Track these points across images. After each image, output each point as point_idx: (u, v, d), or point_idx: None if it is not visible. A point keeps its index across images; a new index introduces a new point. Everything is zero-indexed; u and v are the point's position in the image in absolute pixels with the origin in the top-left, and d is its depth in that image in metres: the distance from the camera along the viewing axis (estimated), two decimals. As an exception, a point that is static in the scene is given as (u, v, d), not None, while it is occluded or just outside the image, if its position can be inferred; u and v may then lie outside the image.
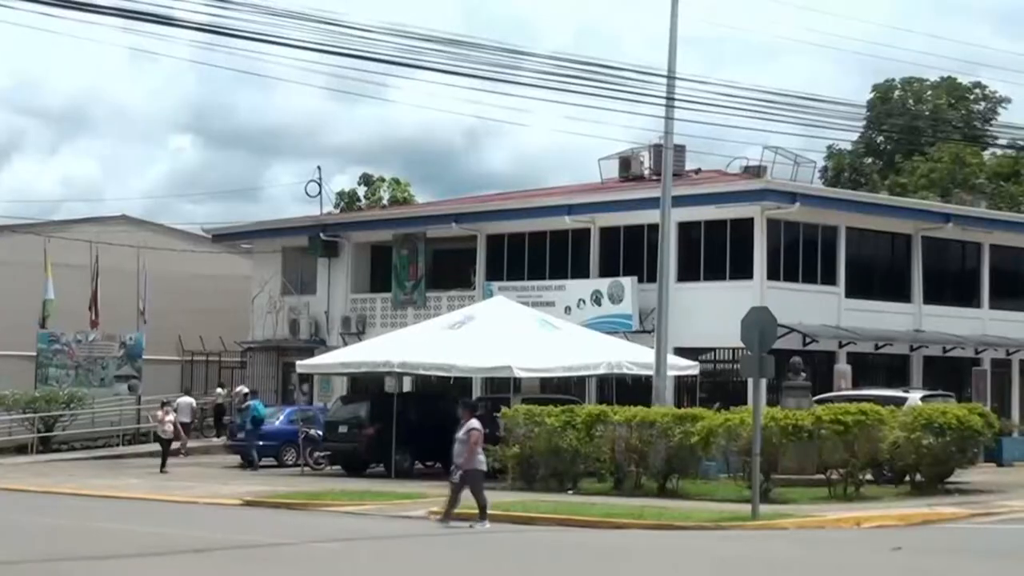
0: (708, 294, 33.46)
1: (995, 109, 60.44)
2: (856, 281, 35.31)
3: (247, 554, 16.89)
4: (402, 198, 56.95)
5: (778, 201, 33.24)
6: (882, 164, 60.83)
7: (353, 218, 46.92)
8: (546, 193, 42.39)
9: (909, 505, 22.88)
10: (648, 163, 38.50)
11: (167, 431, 33.22)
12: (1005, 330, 37.87)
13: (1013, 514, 22.29)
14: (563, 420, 26.20)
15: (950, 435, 24.88)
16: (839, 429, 23.83)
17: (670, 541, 18.50)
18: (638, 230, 35.25)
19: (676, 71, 26.84)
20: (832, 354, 34.20)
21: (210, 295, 45.82)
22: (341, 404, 34.67)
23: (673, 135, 28.49)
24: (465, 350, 29.77)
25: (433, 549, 17.69)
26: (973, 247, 38.18)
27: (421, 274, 40.20)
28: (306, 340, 41.98)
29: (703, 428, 24.31)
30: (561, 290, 36.31)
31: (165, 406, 34.56)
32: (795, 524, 20.35)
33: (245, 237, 45.65)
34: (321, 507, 24.26)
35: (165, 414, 33.64)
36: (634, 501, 23.26)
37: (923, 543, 18.00)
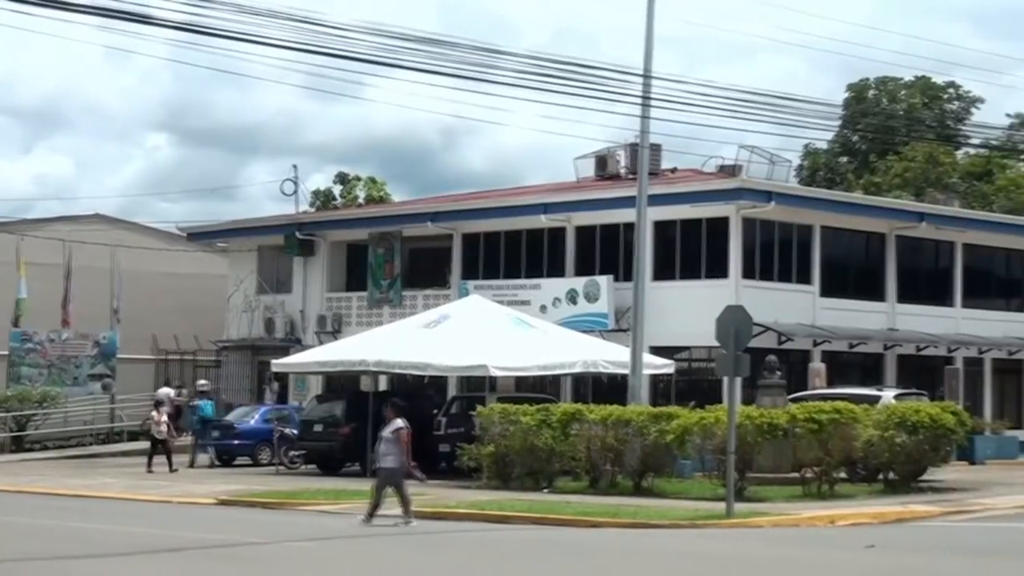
0: (684, 293, 33.53)
1: (968, 109, 60.81)
2: (831, 280, 35.45)
3: (222, 553, 16.85)
4: (378, 197, 56.90)
5: (753, 200, 33.35)
6: (857, 163, 61.10)
7: (329, 217, 46.83)
8: (522, 192, 42.41)
9: (883, 503, 22.99)
10: (624, 162, 38.55)
11: (161, 431, 32.96)
12: (978, 329, 38.09)
13: (986, 512, 22.44)
14: (538, 419, 26.22)
15: (923, 433, 25.01)
16: (813, 427, 23.94)
17: (645, 540, 18.54)
18: (614, 229, 35.30)
19: (652, 70, 26.91)
20: (807, 353, 34.33)
21: (185, 294, 45.68)
22: (316, 403, 34.63)
23: (649, 134, 28.55)
24: (441, 349, 29.77)
25: (408, 548, 17.68)
26: (946, 246, 38.39)
27: (397, 273, 40.17)
28: (282, 339, 41.89)
29: (678, 427, 24.37)
30: (537, 289, 36.33)
31: (159, 406, 34.31)
32: (770, 522, 20.43)
33: (221, 236, 45.52)
34: (296, 506, 24.22)
35: (160, 415, 33.38)
36: (609, 500, 23.30)
37: (897, 541, 18.09)
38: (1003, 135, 55.25)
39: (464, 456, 27.10)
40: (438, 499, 24.00)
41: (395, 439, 20.42)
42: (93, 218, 47.68)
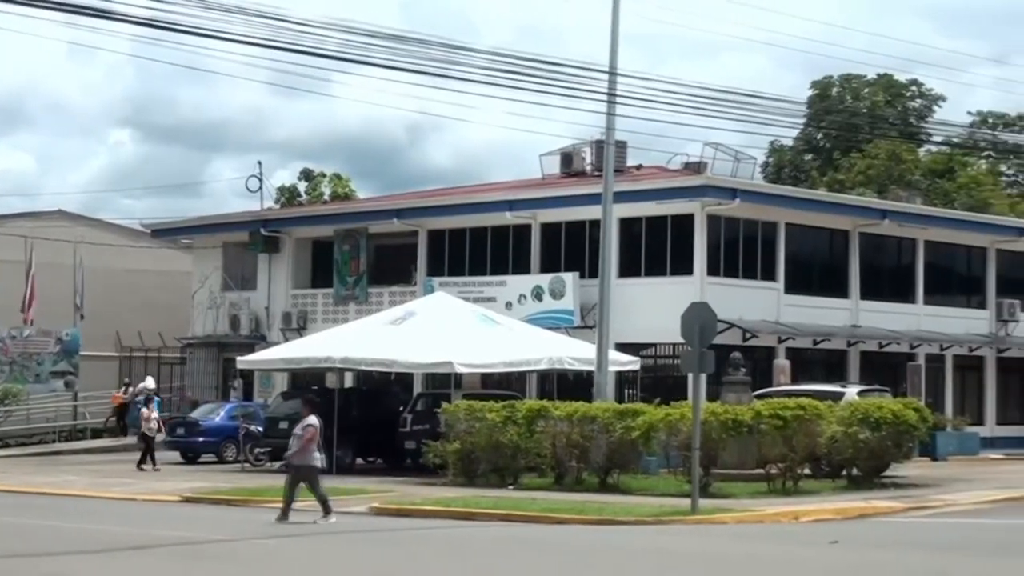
0: (649, 290, 33.62)
1: (930, 107, 61.25)
2: (795, 277, 35.62)
3: (187, 551, 16.79)
4: (343, 193, 56.73)
5: (718, 197, 33.47)
6: (821, 161, 61.44)
7: (294, 213, 46.68)
8: (487, 189, 42.41)
9: (846, 499, 23.15)
10: (589, 159, 38.61)
11: (152, 428, 32.74)
12: (939, 325, 38.37)
13: (947, 508, 22.63)
14: (504, 415, 26.24)
15: (886, 430, 25.18)
16: (778, 424, 24.06)
17: (611, 536, 18.59)
18: (579, 226, 35.36)
19: (618, 67, 26.94)
20: (771, 349, 34.49)
21: (149, 291, 45.46)
22: (282, 400, 34.52)
23: (614, 131, 28.60)
24: (406, 346, 29.74)
25: (373, 545, 17.67)
26: (909, 243, 38.64)
27: (362, 270, 40.10)
28: (247, 336, 41.74)
29: (644, 423, 24.44)
30: (502, 286, 36.35)
31: (149, 403, 34.08)
32: (734, 518, 20.53)
33: (185, 232, 45.30)
34: (261, 503, 24.14)
35: (150, 411, 33.16)
36: (575, 496, 23.35)
37: (859, 537, 18.22)
38: (964, 133, 55.73)
39: (430, 453, 27.10)
40: (403, 496, 24.00)
41: (303, 435, 20.27)
42: (56, 214, 47.38)
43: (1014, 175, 61.32)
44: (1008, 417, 40.62)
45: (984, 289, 40.39)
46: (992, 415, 40.11)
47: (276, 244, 42.03)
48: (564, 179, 38.74)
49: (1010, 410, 40.82)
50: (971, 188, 54.98)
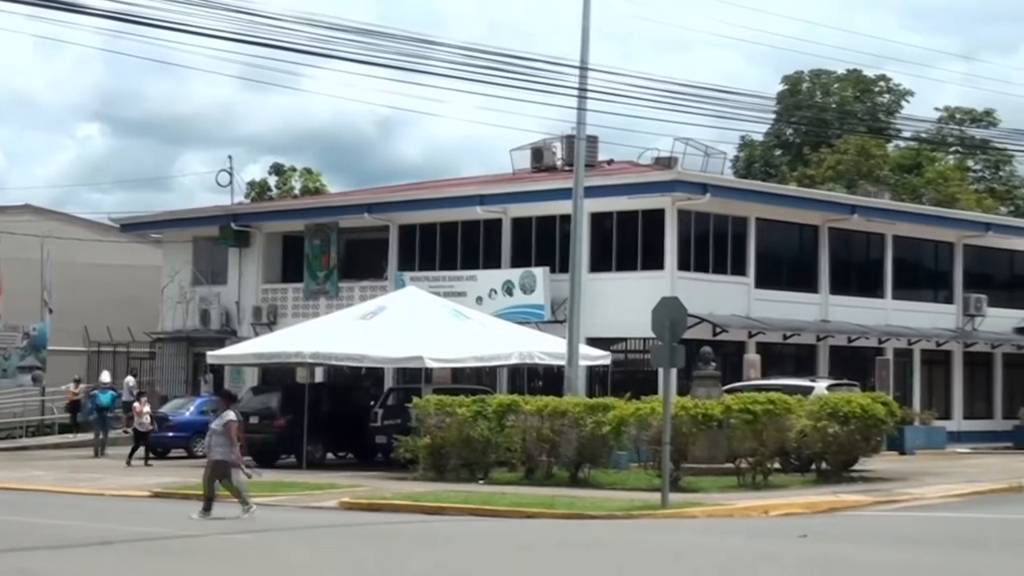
0: (620, 284, 33.67)
1: (899, 102, 61.57)
2: (765, 271, 35.74)
3: (156, 546, 16.72)
4: (314, 188, 56.66)
5: (689, 192, 33.55)
6: (791, 156, 61.68)
7: (265, 208, 46.53)
8: (458, 183, 42.38)
9: (815, 493, 23.26)
10: (560, 154, 38.64)
11: (144, 423, 32.58)
12: (907, 320, 38.59)
13: (914, 502, 22.79)
14: (474, 410, 26.25)
15: (854, 424, 25.32)
16: (748, 418, 24.15)
17: (581, 530, 18.62)
18: (550, 220, 35.38)
19: (588, 62, 26.96)
20: (742, 344, 34.61)
21: (118, 285, 45.22)
22: (252, 395, 34.42)
23: (585, 126, 28.61)
24: (377, 340, 29.70)
25: (343, 540, 17.65)
26: (877, 238, 38.84)
27: (333, 264, 40.01)
28: (217, 330, 41.60)
29: (614, 418, 24.48)
30: (473, 280, 36.34)
31: (142, 396, 33.87)
32: (704, 512, 20.60)
33: (154, 227, 45.11)
34: (232, 498, 24.02)
35: (142, 406, 32.99)
36: (545, 491, 23.38)
37: (829, 531, 18.31)
38: (932, 128, 56.03)
39: (400, 448, 27.09)
40: (374, 491, 23.99)
41: (224, 431, 20.05)
42: (23, 208, 47.07)
43: (981, 170, 61.74)
44: (975, 411, 40.92)
45: (951, 284, 40.66)
46: (959, 409, 40.39)
47: (246, 238, 41.89)
48: (535, 174, 38.75)
49: (976, 404, 41.12)
50: (939, 183, 55.32)
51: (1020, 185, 60.73)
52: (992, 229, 41.10)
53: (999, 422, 40.81)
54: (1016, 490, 24.24)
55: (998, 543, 16.90)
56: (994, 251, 41.86)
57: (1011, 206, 58.57)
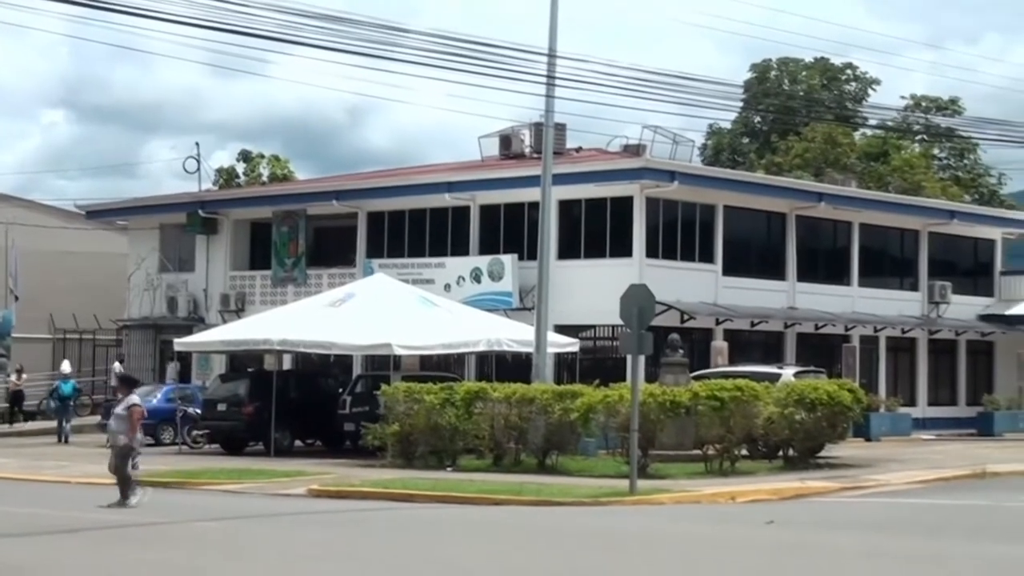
0: (588, 272, 33.73)
1: (865, 90, 61.87)
2: (733, 259, 35.86)
3: (122, 533, 16.67)
4: (282, 175, 56.46)
5: (657, 179, 33.61)
6: (759, 144, 61.89)
7: (232, 195, 46.34)
8: (426, 171, 42.32)
9: (782, 479, 23.39)
10: (528, 141, 38.64)
11: None
12: (873, 307, 38.82)
13: (879, 488, 22.96)
14: (442, 397, 26.26)
15: (821, 410, 25.47)
16: (715, 405, 24.24)
17: (548, 517, 18.68)
18: (518, 208, 35.39)
19: (556, 49, 26.95)
20: (709, 331, 34.74)
21: (84, 272, 44.97)
22: (220, 382, 34.36)
23: (553, 113, 28.59)
24: (345, 328, 29.67)
25: (311, 527, 17.64)
26: (844, 226, 39.03)
27: (301, 251, 39.90)
28: (184, 318, 41.45)
29: (582, 405, 24.53)
30: (441, 268, 36.32)
31: None
32: (672, 499, 20.69)
33: (121, 214, 44.86)
34: (199, 486, 24.03)
35: None
36: (513, 477, 23.43)
37: (795, 517, 18.43)
38: (898, 116, 56.33)
39: (368, 435, 27.08)
40: (342, 478, 23.99)
41: (127, 416, 19.80)
42: (-13, 196, 46.70)
43: (946, 158, 62.13)
44: (939, 398, 41.23)
45: (916, 271, 40.91)
46: (924, 396, 40.68)
47: (214, 225, 41.72)
48: (503, 161, 38.74)
49: (941, 391, 41.43)
50: (904, 171, 55.62)
51: (984, 173, 61.15)
52: (957, 217, 41.37)
53: (963, 409, 41.14)
54: (979, 476, 24.46)
55: (961, 529, 17.06)
56: (958, 239, 42.16)
57: (975, 194, 58.98)
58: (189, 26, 20.53)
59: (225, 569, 13.14)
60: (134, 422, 19.75)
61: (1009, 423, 39.30)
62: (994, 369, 42.50)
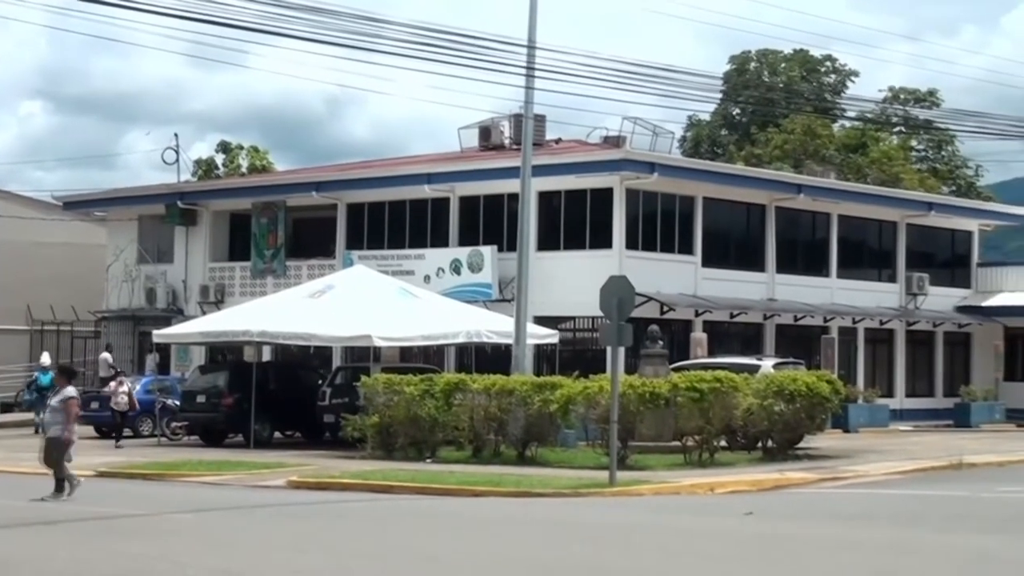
0: (568, 263, 33.76)
1: (844, 82, 62.06)
2: (712, 250, 35.95)
3: (101, 525, 16.64)
4: (261, 166, 56.35)
5: (637, 171, 33.66)
6: (738, 135, 62.01)
7: (212, 186, 46.22)
8: (406, 162, 42.28)
9: (761, 471, 23.49)
10: (508, 132, 38.64)
11: (120, 403, 31.96)
12: (852, 299, 38.98)
13: (858, 479, 23.07)
14: (422, 389, 26.27)
15: (800, 402, 25.57)
16: (695, 396, 24.31)
17: (528, 508, 18.71)
18: (498, 199, 35.39)
19: (536, 41, 26.96)
20: (689, 322, 34.82)
21: (62, 264, 44.81)
22: (199, 373, 34.30)
23: (533, 105, 28.62)
24: (325, 319, 29.64)
25: (290, 519, 17.63)
26: (823, 217, 39.15)
27: (281, 243, 39.83)
28: (163, 309, 41.35)
29: (562, 396, 24.59)
30: (421, 259, 36.31)
31: (119, 376, 33.19)
32: (651, 490, 20.75)
33: (99, 205, 44.69)
34: (178, 478, 24.01)
35: (119, 385, 32.28)
36: (493, 469, 23.47)
37: (774, 508, 18.51)
38: (877, 108, 56.55)
39: (348, 426, 27.07)
40: (322, 469, 23.98)
41: (62, 408, 19.58)
42: (-36, 186, 46.49)
43: (924, 150, 62.38)
44: (917, 389, 41.43)
45: (894, 263, 41.08)
46: (901, 387, 40.87)
47: (193, 217, 41.61)
48: (483, 152, 38.73)
49: (918, 382, 41.63)
50: (883, 163, 55.82)
51: (962, 165, 61.44)
52: (934, 209, 41.55)
53: (940, 400, 41.36)
54: (956, 467, 24.59)
55: (939, 519, 17.16)
56: (936, 230, 42.35)
57: (953, 186, 59.26)
58: (169, 17, 20.47)
59: (204, 561, 13.13)
60: (70, 415, 19.51)
61: (986, 414, 39.54)
62: (971, 360, 42.73)
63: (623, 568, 12.79)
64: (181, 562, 13.03)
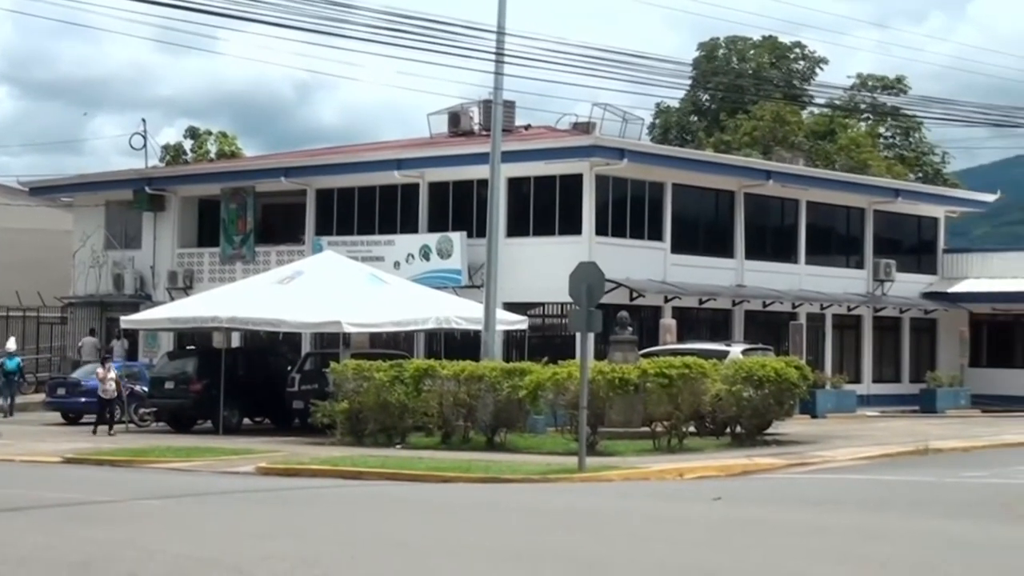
0: (537, 249, 33.79)
1: (813, 69, 62.26)
2: (682, 237, 36.04)
3: (67, 512, 16.56)
4: (230, 152, 56.08)
5: (606, 157, 33.69)
6: (707, 122, 62.15)
7: (180, 171, 46.00)
8: (375, 148, 42.18)
9: (729, 456, 23.59)
10: (478, 119, 38.60)
11: (108, 390, 30.91)
12: (819, 285, 39.18)
13: (825, 464, 23.21)
14: (391, 375, 26.25)
15: (768, 387, 25.68)
16: (664, 382, 24.36)
17: (497, 494, 18.74)
18: (467, 185, 35.37)
19: (505, 27, 26.91)
20: (658, 308, 34.91)
21: (28, 250, 44.51)
22: (167, 360, 34.16)
23: (502, 91, 28.57)
24: (294, 305, 29.56)
25: (259, 505, 17.60)
26: (791, 204, 39.30)
27: (250, 228, 39.69)
28: (131, 295, 41.16)
29: (531, 382, 24.61)
30: (390, 245, 36.25)
31: (107, 362, 32.61)
32: (620, 476, 20.81)
33: (65, 190, 44.39)
34: (146, 464, 23.92)
35: (107, 371, 31.61)
36: (462, 455, 23.48)
37: (742, 494, 18.60)
38: (845, 95, 56.78)
39: (318, 413, 27.02)
40: (291, 456, 23.93)
41: None
42: (-71, 171, 46.14)
43: (891, 137, 62.69)
44: (883, 375, 41.70)
45: (862, 249, 41.30)
46: (868, 373, 41.12)
47: (161, 202, 41.42)
48: (452, 139, 38.69)
49: (885, 368, 41.89)
50: (851, 150, 56.08)
51: (928, 152, 61.78)
52: (901, 195, 41.80)
53: (907, 386, 41.65)
54: (922, 453, 24.78)
55: (905, 504, 17.29)
56: (903, 217, 42.61)
57: (920, 172, 59.59)
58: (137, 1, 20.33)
59: (171, 547, 13.09)
60: None
61: (951, 400, 39.85)
62: (937, 346, 43.03)
63: (592, 553, 12.83)
64: (148, 548, 12.99)
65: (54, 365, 43.65)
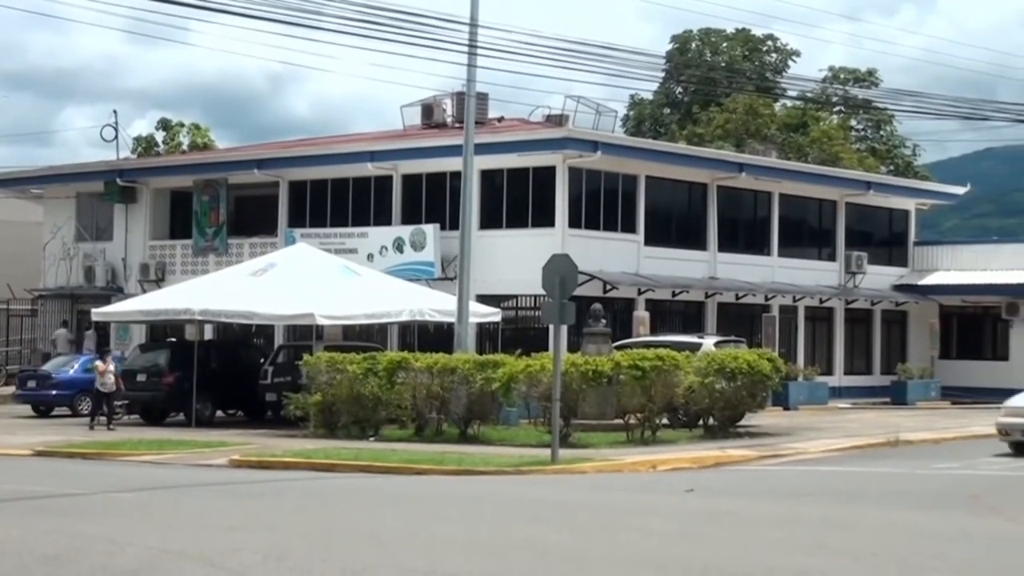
0: (510, 241, 33.80)
1: (786, 61, 62.46)
2: (655, 229, 36.09)
3: (38, 504, 16.48)
4: (202, 143, 55.86)
5: (580, 149, 33.71)
6: (680, 114, 62.26)
7: (152, 163, 45.78)
8: (349, 140, 42.08)
9: (702, 448, 23.68)
10: (451, 111, 38.53)
11: (106, 383, 30.22)
12: (792, 277, 39.31)
13: (797, 456, 23.32)
14: (365, 367, 26.23)
15: (741, 380, 25.76)
16: (637, 374, 24.42)
17: (470, 486, 18.75)
18: (440, 177, 35.33)
19: (479, 19, 26.89)
20: (631, 301, 34.98)
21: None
22: (139, 352, 34.04)
23: (475, 83, 28.57)
24: (267, 297, 29.50)
25: (231, 497, 17.56)
26: (764, 196, 39.42)
27: (222, 220, 39.54)
28: (103, 287, 40.95)
29: (504, 374, 24.62)
30: (363, 237, 36.19)
31: (106, 356, 32.11)
32: (594, 468, 20.86)
33: (35, 182, 44.12)
34: (118, 457, 23.82)
35: (106, 365, 31.16)
36: (435, 447, 23.49)
37: (714, 485, 18.67)
38: (817, 88, 56.97)
39: (291, 405, 26.98)
40: (264, 448, 23.90)
41: None
42: (-103, 163, 45.76)
43: (863, 130, 62.97)
44: (855, 367, 41.88)
45: (834, 242, 41.46)
46: (840, 365, 41.30)
47: (133, 194, 41.23)
48: (425, 131, 38.62)
49: (856, 360, 42.08)
50: (823, 142, 56.29)
51: (900, 145, 62.08)
52: (873, 188, 41.98)
53: (878, 378, 41.85)
54: (893, 445, 24.92)
55: (877, 496, 17.40)
56: (874, 209, 42.80)
57: (891, 165, 59.87)
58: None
59: (143, 540, 13.05)
60: None
61: (921, 392, 40.11)
62: (907, 339, 43.26)
63: (565, 545, 12.86)
64: (120, 541, 12.94)
65: (24, 358, 43.42)
